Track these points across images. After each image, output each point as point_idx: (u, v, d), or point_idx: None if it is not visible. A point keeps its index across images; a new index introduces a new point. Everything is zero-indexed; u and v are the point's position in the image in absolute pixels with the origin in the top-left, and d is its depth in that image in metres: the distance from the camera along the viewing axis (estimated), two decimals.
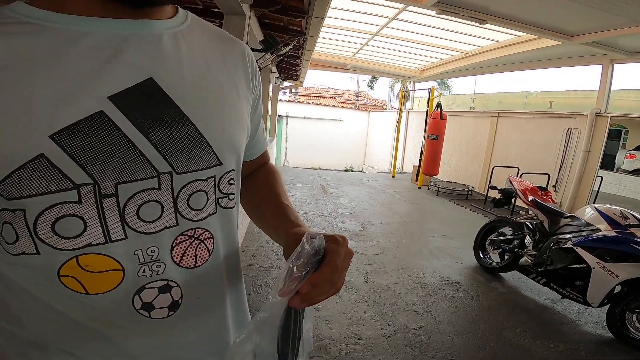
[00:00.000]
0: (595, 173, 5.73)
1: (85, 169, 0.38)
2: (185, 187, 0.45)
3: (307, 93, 18.76)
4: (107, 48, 0.40)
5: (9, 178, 0.35)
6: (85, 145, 0.38)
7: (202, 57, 0.48)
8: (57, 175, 0.37)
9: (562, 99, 9.80)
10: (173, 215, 0.44)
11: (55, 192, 0.37)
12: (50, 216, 0.37)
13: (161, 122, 0.42)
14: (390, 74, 11.23)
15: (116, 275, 0.41)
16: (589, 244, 2.60)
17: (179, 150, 0.43)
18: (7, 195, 0.36)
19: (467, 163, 8.51)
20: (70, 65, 0.38)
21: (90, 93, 0.38)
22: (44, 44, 0.37)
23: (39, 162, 0.36)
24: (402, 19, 5.77)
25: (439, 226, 5.14)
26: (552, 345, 2.41)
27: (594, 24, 4.48)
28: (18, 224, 0.37)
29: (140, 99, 0.41)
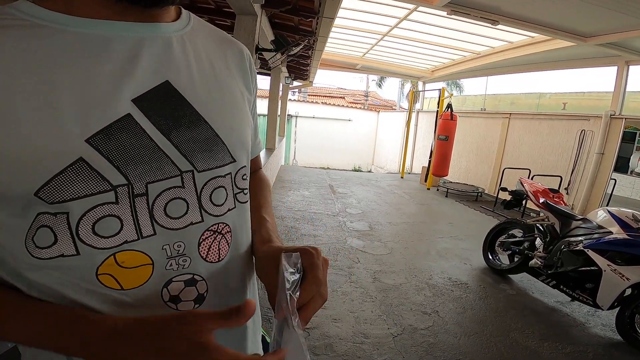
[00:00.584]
0: (608, 176, 5.63)
1: (120, 170, 0.39)
2: (207, 184, 0.47)
3: (316, 93, 18.80)
4: (124, 52, 0.41)
5: (50, 182, 0.36)
6: (118, 147, 0.39)
7: (207, 59, 0.50)
8: (96, 178, 0.38)
9: (575, 100, 9.63)
10: (198, 212, 0.46)
11: (95, 194, 0.38)
12: (92, 217, 0.39)
13: (180, 123, 0.44)
14: (400, 74, 11.19)
15: (147, 269, 0.43)
16: (601, 247, 2.57)
17: (198, 149, 0.45)
18: (49, 199, 0.36)
19: (477, 164, 8.43)
20: (92, 69, 0.39)
21: (118, 96, 0.40)
22: (61, 48, 0.38)
23: (79, 165, 0.37)
24: (413, 19, 5.75)
25: (448, 227, 5.12)
26: (559, 347, 2.39)
27: (608, 25, 4.41)
28: (59, 227, 0.38)
29: (159, 101, 0.42)
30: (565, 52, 5.73)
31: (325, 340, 2.25)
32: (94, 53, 0.39)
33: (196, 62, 0.48)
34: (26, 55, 0.36)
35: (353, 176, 9.45)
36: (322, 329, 2.36)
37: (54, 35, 0.38)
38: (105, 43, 0.40)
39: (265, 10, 3.62)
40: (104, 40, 0.40)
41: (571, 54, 5.91)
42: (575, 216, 3.03)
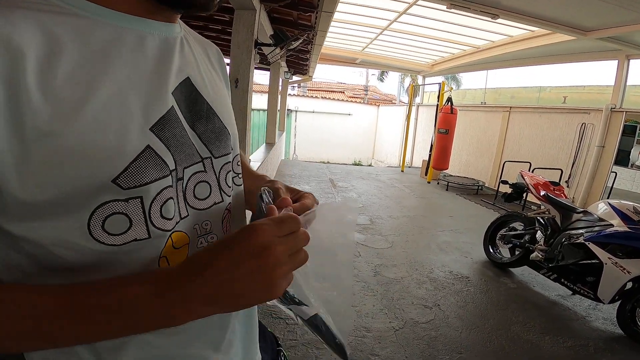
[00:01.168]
0: (609, 169, 5.63)
1: (173, 157, 0.43)
2: (222, 169, 0.52)
3: (316, 87, 18.72)
4: (156, 49, 0.44)
5: (128, 169, 0.38)
6: (170, 135, 0.42)
7: (202, 59, 0.54)
8: (160, 163, 0.41)
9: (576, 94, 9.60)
10: (219, 193, 0.51)
11: (161, 178, 0.41)
12: (160, 200, 0.41)
13: (200, 116, 0.49)
14: (400, 68, 11.15)
15: (185, 249, 0.46)
16: (601, 240, 2.58)
17: (214, 139, 0.50)
18: (125, 185, 0.38)
19: (478, 158, 8.43)
20: (140, 64, 0.42)
21: (166, 89, 0.43)
22: (107, 40, 0.39)
23: (148, 153, 0.39)
24: (413, 13, 5.71)
25: (449, 221, 5.13)
26: (560, 341, 2.40)
27: (609, 19, 4.38)
28: (134, 212, 0.39)
29: (184, 96, 0.46)
30: (566, 45, 5.70)
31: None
32: (136, 48, 0.42)
33: (198, 61, 0.52)
34: (81, 45, 0.37)
35: (353, 170, 9.45)
36: None
37: (98, 27, 0.39)
38: (141, 39, 0.43)
39: (264, 5, 3.60)
40: (139, 37, 0.42)
41: (571, 47, 5.88)
42: (576, 209, 3.03)
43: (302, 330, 2.26)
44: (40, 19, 0.35)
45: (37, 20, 0.35)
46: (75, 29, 0.37)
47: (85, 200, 0.36)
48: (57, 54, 0.35)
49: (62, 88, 0.35)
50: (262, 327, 0.72)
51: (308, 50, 6.41)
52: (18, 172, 0.33)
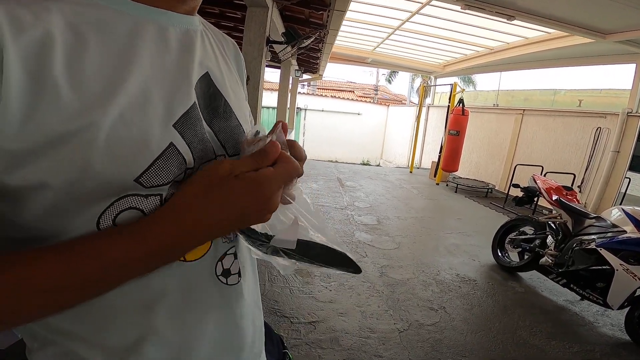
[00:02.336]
0: (623, 174, 5.52)
1: (193, 155, 0.41)
2: None
3: (325, 86, 18.71)
4: (177, 42, 0.43)
5: (151, 167, 0.36)
6: (191, 132, 0.41)
7: (220, 54, 0.52)
8: (181, 161, 0.39)
9: (592, 97, 9.40)
10: None
11: (179, 175, 0.39)
12: None
13: (217, 113, 0.47)
14: (411, 68, 11.07)
15: (206, 244, 0.45)
16: (614, 246, 2.53)
17: (230, 137, 0.48)
18: (147, 184, 0.36)
19: (488, 160, 8.33)
20: (163, 57, 0.40)
21: (189, 83, 0.42)
22: (129, 33, 0.38)
23: (171, 150, 0.38)
24: (425, 13, 5.66)
25: (457, 223, 5.08)
26: (567, 346, 2.37)
27: (628, 22, 4.28)
28: (151, 209, 0.38)
29: (202, 91, 0.44)
30: (583, 48, 5.59)
31: (331, 334, 2.26)
32: (158, 41, 0.40)
33: (217, 56, 0.50)
34: (104, 37, 0.36)
35: (362, 170, 9.42)
36: (328, 322, 2.38)
37: (120, 18, 0.38)
38: (163, 32, 0.41)
39: (277, 3, 3.61)
40: (161, 29, 0.41)
41: (588, 50, 5.76)
42: (588, 214, 2.98)
43: (306, 330, 2.26)
44: (63, 9, 0.34)
45: (59, 10, 0.34)
46: (98, 20, 0.36)
47: (103, 198, 0.35)
48: (83, 45, 0.34)
49: (90, 81, 0.33)
50: (269, 328, 0.73)
51: (319, 49, 6.41)
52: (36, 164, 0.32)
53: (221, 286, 0.47)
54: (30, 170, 0.31)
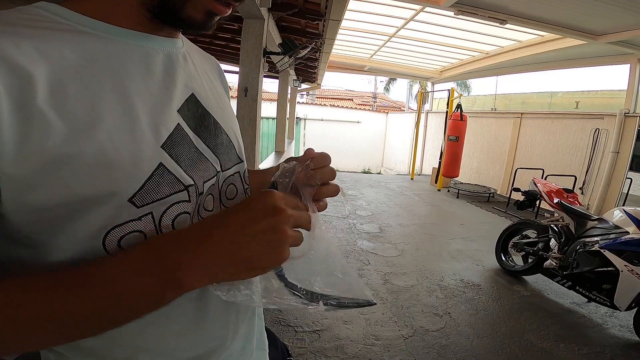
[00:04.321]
0: (624, 175, 5.51)
1: (187, 172, 0.43)
2: (225, 181, 0.51)
3: (324, 95, 18.83)
4: (161, 65, 0.44)
5: (143, 188, 0.38)
6: (180, 152, 0.42)
7: (204, 73, 0.53)
8: (173, 180, 0.41)
9: (588, 99, 9.44)
10: (219, 204, 0.50)
11: (173, 194, 0.41)
12: (170, 215, 0.41)
13: (209, 130, 0.48)
14: (408, 75, 11.16)
15: None
16: (617, 247, 2.51)
17: (222, 152, 0.50)
18: (139, 203, 0.38)
19: (489, 165, 8.34)
20: (147, 80, 0.41)
21: (171, 106, 0.43)
22: (114, 57, 0.39)
23: (161, 170, 0.39)
24: (420, 20, 5.73)
25: (459, 229, 5.06)
26: (576, 349, 2.34)
27: (619, 22, 4.33)
28: (147, 228, 0.39)
29: (191, 112, 0.46)
30: (576, 50, 5.64)
31: (336, 342, 2.24)
32: (142, 64, 0.41)
33: (201, 76, 0.51)
34: (88, 61, 0.37)
35: (362, 178, 9.42)
36: (333, 331, 2.35)
37: (101, 43, 0.39)
38: (146, 55, 0.42)
39: (273, 14, 3.66)
40: (144, 52, 0.42)
41: (582, 52, 5.82)
42: (590, 216, 2.97)
43: (311, 338, 2.24)
44: (44, 37, 0.35)
45: (42, 38, 0.35)
46: (79, 45, 0.37)
47: (101, 220, 0.36)
48: (66, 72, 0.35)
49: (75, 107, 0.34)
50: (274, 336, 0.73)
51: (316, 58, 6.47)
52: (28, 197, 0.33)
53: None
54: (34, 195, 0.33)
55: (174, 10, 0.41)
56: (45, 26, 0.36)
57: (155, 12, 0.41)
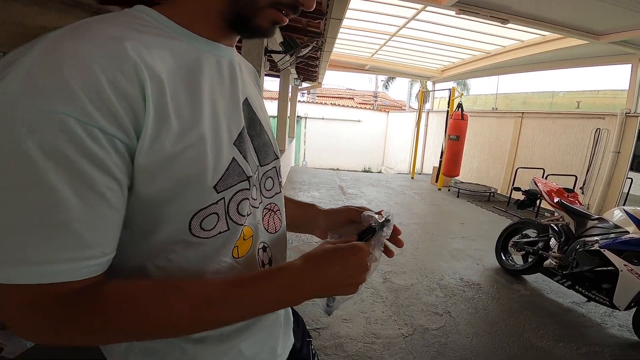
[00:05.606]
0: (625, 175, 5.50)
1: (249, 165, 0.52)
2: (264, 175, 0.60)
3: (325, 94, 18.79)
4: (228, 71, 0.52)
5: (222, 177, 0.47)
6: (244, 148, 0.52)
7: (248, 79, 0.61)
8: (240, 171, 0.50)
9: (590, 99, 9.43)
10: (260, 195, 0.59)
11: (240, 182, 0.50)
12: (236, 200, 0.50)
13: (256, 131, 0.57)
14: (409, 74, 11.13)
15: (250, 240, 0.55)
16: (617, 247, 2.52)
17: (263, 150, 0.59)
18: (219, 189, 0.47)
19: (489, 164, 8.33)
20: (221, 85, 0.50)
21: (239, 109, 0.52)
22: (199, 64, 0.46)
23: (234, 163, 0.49)
24: (421, 19, 5.72)
25: (460, 228, 5.06)
26: (574, 348, 2.34)
27: (621, 22, 4.32)
28: (220, 210, 0.48)
29: (245, 114, 0.54)
30: (578, 50, 5.63)
31: (336, 340, 2.25)
32: (215, 71, 0.49)
33: (249, 82, 0.60)
34: (182, 67, 0.44)
35: (363, 177, 9.42)
36: (333, 329, 2.36)
37: (187, 49, 0.46)
38: (217, 63, 0.50)
39: None
40: (216, 60, 0.50)
41: (584, 52, 5.80)
42: (590, 216, 2.97)
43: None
44: (156, 44, 0.42)
45: (156, 45, 0.42)
46: (174, 51, 0.44)
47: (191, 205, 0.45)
48: (174, 77, 0.42)
49: (184, 110, 0.42)
50: (298, 316, 0.80)
51: (317, 57, 6.47)
52: (143, 186, 0.41)
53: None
54: (153, 183, 0.41)
55: (246, 20, 0.48)
56: (151, 32, 0.43)
57: (230, 21, 0.48)
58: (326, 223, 0.71)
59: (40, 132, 0.33)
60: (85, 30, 0.37)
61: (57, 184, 0.34)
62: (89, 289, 0.38)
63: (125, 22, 0.42)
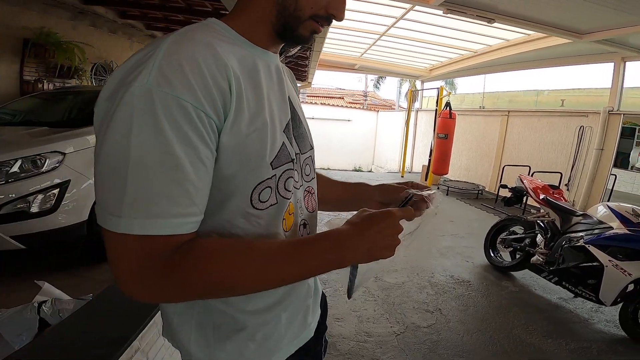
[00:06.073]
0: (608, 171, 5.64)
1: (294, 149, 0.63)
2: (303, 162, 0.69)
3: (315, 94, 18.77)
4: (276, 74, 0.62)
5: (276, 156, 0.57)
6: (290, 135, 0.62)
7: (289, 81, 0.71)
8: (288, 153, 0.60)
9: (574, 97, 9.64)
10: (301, 178, 0.67)
11: (287, 162, 0.59)
12: (284, 177, 0.59)
13: (296, 124, 0.66)
14: (398, 73, 11.21)
15: (293, 216, 0.64)
16: (602, 242, 2.58)
17: (301, 140, 0.68)
18: (274, 166, 0.56)
19: (477, 162, 8.44)
20: (274, 84, 0.60)
21: (286, 103, 0.63)
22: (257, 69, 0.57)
23: (283, 147, 0.59)
24: (410, 18, 5.76)
25: (449, 225, 5.12)
26: (563, 344, 2.39)
27: (604, 22, 4.42)
28: (272, 184, 0.57)
29: (289, 109, 0.64)
30: (562, 49, 5.74)
31: (329, 339, 2.25)
32: (267, 73, 0.59)
33: (289, 83, 0.70)
34: (245, 68, 0.54)
35: (354, 176, 9.45)
36: None
37: (246, 54, 0.56)
38: (268, 66, 0.60)
39: None
40: (266, 64, 0.60)
41: (568, 50, 5.92)
42: (575, 212, 3.03)
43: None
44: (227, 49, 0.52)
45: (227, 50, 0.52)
46: (237, 55, 0.54)
47: (253, 178, 0.54)
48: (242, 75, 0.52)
49: (251, 101, 0.53)
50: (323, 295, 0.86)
51: (307, 57, 6.46)
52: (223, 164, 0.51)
53: None
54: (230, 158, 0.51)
55: (291, 30, 0.59)
56: (223, 39, 0.54)
57: (279, 31, 0.59)
58: (382, 197, 0.81)
59: (171, 113, 0.43)
60: (192, 37, 0.50)
61: (180, 152, 0.44)
62: (184, 245, 0.47)
63: (209, 31, 0.54)
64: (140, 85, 0.43)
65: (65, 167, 2.46)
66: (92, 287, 2.15)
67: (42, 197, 2.35)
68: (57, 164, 2.45)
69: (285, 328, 0.65)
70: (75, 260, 2.74)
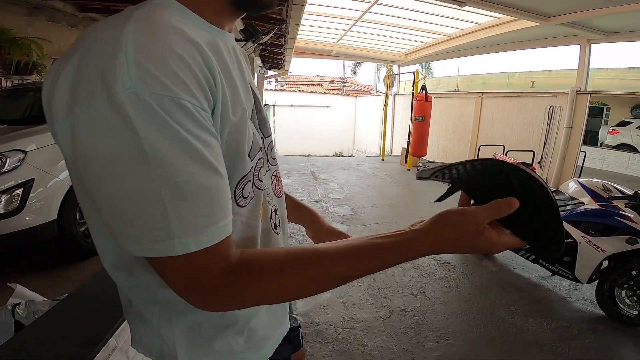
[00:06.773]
0: (578, 148, 5.87)
1: (260, 137, 0.59)
2: (268, 146, 0.65)
3: (293, 81, 18.53)
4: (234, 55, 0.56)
5: (252, 147, 0.54)
6: (256, 122, 0.58)
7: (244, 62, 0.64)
8: (257, 142, 0.56)
9: (543, 78, 9.90)
10: (267, 163, 0.64)
11: (258, 151, 0.57)
12: (258, 167, 0.57)
13: (257, 109, 0.61)
14: (375, 58, 11.17)
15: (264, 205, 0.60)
16: (574, 218, 2.62)
17: (263, 124, 0.64)
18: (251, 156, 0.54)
19: (454, 143, 8.60)
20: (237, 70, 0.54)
21: (249, 89, 0.57)
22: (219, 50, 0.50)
23: (254, 134, 0.55)
24: (384, 3, 5.72)
25: (430, 207, 5.21)
26: (544, 323, 2.43)
27: (569, 5, 4.52)
28: (251, 177, 0.54)
29: (250, 94, 0.58)
30: (531, 32, 5.86)
31: (316, 327, 2.27)
32: (228, 56, 0.52)
33: (245, 64, 0.63)
34: (219, 56, 0.49)
35: (334, 161, 9.45)
36: (312, 316, 2.38)
37: (209, 38, 0.49)
38: (228, 49, 0.54)
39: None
40: (226, 47, 0.53)
41: (536, 33, 6.05)
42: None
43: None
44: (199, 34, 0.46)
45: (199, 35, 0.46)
46: (207, 40, 0.47)
47: (237, 173, 0.51)
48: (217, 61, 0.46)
49: (229, 89, 0.48)
50: None
51: (282, 44, 6.32)
52: None
53: (275, 235, 0.64)
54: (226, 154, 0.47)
55: None
56: (185, 22, 0.45)
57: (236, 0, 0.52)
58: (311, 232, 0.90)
59: (175, 116, 0.38)
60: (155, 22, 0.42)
61: (207, 156, 0.41)
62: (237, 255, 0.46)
63: (166, 13, 0.45)
64: (122, 90, 0.35)
65: (27, 166, 2.35)
66: (69, 287, 2.08)
67: (6, 198, 2.25)
68: (19, 162, 2.33)
69: (269, 317, 0.64)
70: (50, 261, 2.64)
